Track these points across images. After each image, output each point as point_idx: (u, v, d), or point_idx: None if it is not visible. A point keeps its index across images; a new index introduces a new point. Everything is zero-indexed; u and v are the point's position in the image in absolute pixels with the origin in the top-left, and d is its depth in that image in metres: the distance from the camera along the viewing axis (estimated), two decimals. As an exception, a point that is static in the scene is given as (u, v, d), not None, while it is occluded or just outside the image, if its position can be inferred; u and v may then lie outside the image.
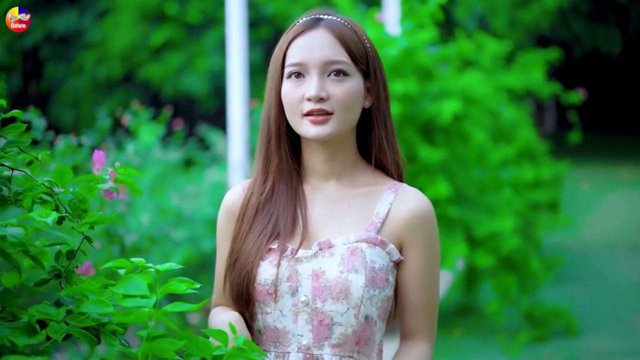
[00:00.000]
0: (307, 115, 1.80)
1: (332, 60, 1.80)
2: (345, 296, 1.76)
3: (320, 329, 1.78)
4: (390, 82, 5.45)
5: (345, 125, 1.82)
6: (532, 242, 6.95)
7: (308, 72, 1.81)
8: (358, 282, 1.75)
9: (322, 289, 1.77)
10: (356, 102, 1.83)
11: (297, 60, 1.81)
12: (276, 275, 1.78)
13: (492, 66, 7.39)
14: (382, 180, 1.90)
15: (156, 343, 1.47)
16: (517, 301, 5.82)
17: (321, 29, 1.83)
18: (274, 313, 1.80)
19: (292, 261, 1.80)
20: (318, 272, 1.78)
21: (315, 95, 1.78)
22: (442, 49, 5.80)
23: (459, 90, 5.69)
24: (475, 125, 6.02)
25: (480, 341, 5.78)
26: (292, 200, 1.86)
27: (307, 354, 1.79)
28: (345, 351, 1.79)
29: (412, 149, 5.59)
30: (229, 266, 1.86)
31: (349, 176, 1.89)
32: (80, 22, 15.55)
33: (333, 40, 1.81)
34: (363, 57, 1.84)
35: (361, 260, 1.77)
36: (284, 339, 1.80)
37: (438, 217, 5.69)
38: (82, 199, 1.81)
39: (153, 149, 5.36)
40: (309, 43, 1.81)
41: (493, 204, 5.81)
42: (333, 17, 1.86)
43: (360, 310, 1.76)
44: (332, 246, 1.80)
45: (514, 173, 6.43)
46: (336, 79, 1.80)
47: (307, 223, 1.84)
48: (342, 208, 1.86)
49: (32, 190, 1.76)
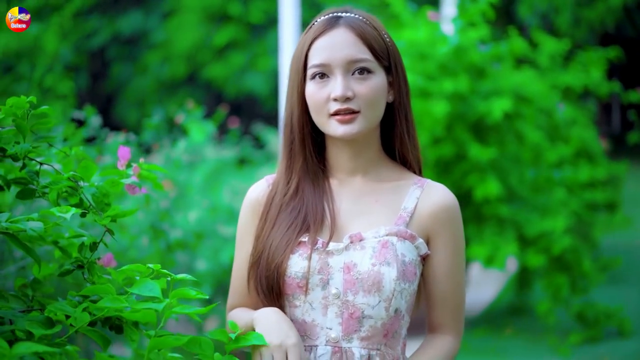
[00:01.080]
0: (334, 115, 1.81)
1: (355, 59, 1.80)
2: (377, 289, 1.77)
3: (350, 321, 1.78)
4: (440, 81, 5.44)
5: (371, 122, 1.83)
6: (589, 243, 6.86)
7: (332, 72, 1.81)
8: (390, 275, 1.77)
9: (354, 281, 1.77)
10: (381, 98, 1.84)
11: (320, 61, 1.81)
12: (308, 267, 1.78)
13: (550, 65, 7.32)
14: (407, 175, 1.91)
15: (163, 339, 1.54)
16: (568, 301, 5.76)
17: (341, 28, 1.82)
18: (304, 306, 1.80)
19: (323, 254, 1.80)
20: (349, 264, 1.78)
21: (342, 95, 1.79)
22: (494, 48, 5.77)
23: (510, 89, 5.65)
24: (528, 124, 5.98)
25: (530, 341, 5.74)
26: (319, 195, 1.87)
27: (335, 347, 1.78)
28: (373, 344, 1.79)
29: (462, 147, 5.58)
30: (254, 263, 1.85)
31: (375, 171, 1.90)
32: (145, 23, 15.81)
33: (355, 39, 1.81)
34: (384, 53, 1.85)
35: (392, 253, 1.78)
36: (312, 332, 1.80)
37: (489, 216, 5.67)
38: (105, 193, 1.87)
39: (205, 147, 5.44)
40: (330, 43, 1.81)
41: (545, 204, 5.76)
42: (351, 14, 1.86)
43: (391, 303, 1.77)
44: (362, 239, 1.81)
45: (568, 173, 6.35)
46: (360, 77, 1.81)
47: (335, 217, 1.85)
48: (370, 202, 1.87)
49: (57, 184, 1.83)
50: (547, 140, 6.44)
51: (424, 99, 5.43)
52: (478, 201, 5.62)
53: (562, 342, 5.63)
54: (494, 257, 5.52)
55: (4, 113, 1.86)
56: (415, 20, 5.79)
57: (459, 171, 5.66)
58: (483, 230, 5.61)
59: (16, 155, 1.86)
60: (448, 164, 5.67)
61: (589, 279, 5.73)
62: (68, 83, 13.59)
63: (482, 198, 5.55)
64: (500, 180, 5.69)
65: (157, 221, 3.92)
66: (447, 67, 5.51)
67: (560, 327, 5.89)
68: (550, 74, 7.21)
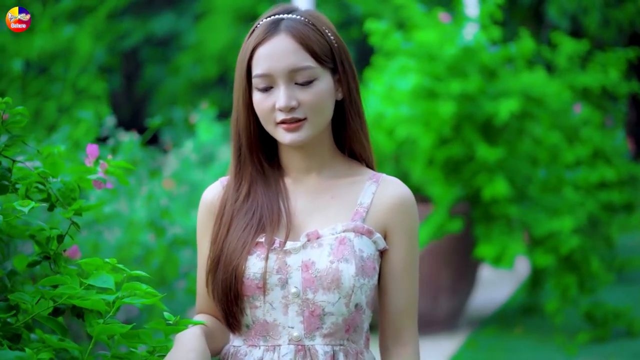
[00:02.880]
0: (281, 123, 1.81)
1: (297, 68, 1.79)
2: (336, 286, 1.77)
3: (312, 319, 1.78)
4: (448, 82, 5.50)
5: (319, 126, 1.83)
6: (605, 243, 6.87)
7: (275, 82, 1.80)
8: (349, 271, 1.77)
9: (313, 279, 1.78)
10: (327, 102, 1.82)
11: (262, 72, 1.80)
12: (265, 268, 1.78)
13: (568, 66, 7.33)
14: (362, 171, 1.91)
15: (108, 326, 1.65)
16: (577, 301, 5.79)
17: (282, 35, 1.80)
18: (264, 306, 1.80)
19: (280, 253, 1.80)
20: (307, 263, 1.79)
21: (285, 106, 1.78)
22: (503, 49, 5.82)
23: (519, 90, 5.70)
24: (540, 125, 6.02)
25: (539, 340, 5.77)
26: (273, 195, 1.86)
27: (298, 345, 1.79)
28: (336, 340, 1.80)
29: (471, 148, 5.63)
30: (211, 268, 1.84)
31: (329, 168, 1.90)
32: (177, 24, 16.02)
33: (295, 46, 1.79)
34: (328, 54, 1.83)
35: (350, 249, 1.79)
36: (274, 332, 1.80)
37: (497, 216, 5.72)
38: (72, 188, 1.98)
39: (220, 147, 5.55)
40: (271, 52, 1.79)
41: (554, 204, 5.80)
42: (293, 14, 1.83)
43: (351, 299, 1.78)
44: (320, 237, 1.81)
45: (580, 173, 6.37)
46: (304, 86, 1.79)
47: (291, 215, 1.85)
48: (326, 199, 1.87)
49: (26, 179, 1.94)
50: (563, 140, 6.46)
51: (431, 99, 5.50)
52: (486, 201, 5.67)
53: (570, 341, 5.66)
54: (502, 257, 5.57)
55: (-19, 114, 1.96)
56: (427, 22, 5.85)
57: (468, 171, 5.71)
58: (491, 230, 5.66)
59: (-9, 153, 1.97)
60: (457, 164, 5.73)
61: (598, 279, 5.75)
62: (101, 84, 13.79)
63: (490, 198, 5.60)
64: (509, 180, 5.74)
65: (157, 218, 4.05)
66: (456, 68, 5.56)
67: (569, 326, 5.92)
68: (567, 75, 7.23)
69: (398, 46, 5.72)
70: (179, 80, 16.04)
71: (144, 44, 16.45)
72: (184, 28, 15.97)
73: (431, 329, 6.00)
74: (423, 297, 5.95)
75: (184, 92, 16.00)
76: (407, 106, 5.49)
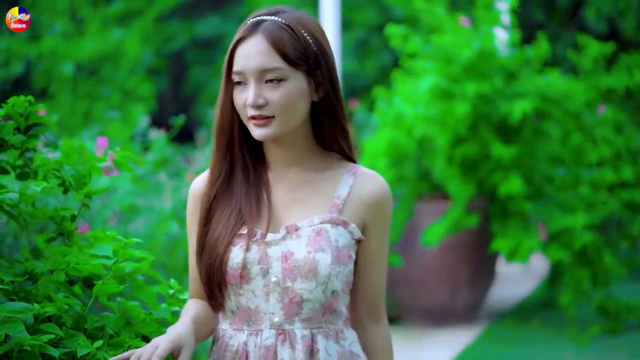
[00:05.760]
0: (251, 118, 1.91)
1: (266, 68, 1.88)
2: (313, 274, 1.89)
3: (291, 306, 1.90)
4: (463, 83, 5.75)
5: (288, 124, 1.92)
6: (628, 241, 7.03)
7: (247, 80, 1.90)
8: (325, 260, 1.89)
9: (292, 269, 1.89)
10: (297, 102, 1.91)
11: (237, 69, 1.91)
12: (244, 259, 1.90)
13: (592, 68, 7.50)
14: (341, 164, 2.01)
15: (106, 285, 1.96)
16: (590, 295, 6.00)
17: (258, 36, 1.90)
18: (247, 294, 1.92)
19: (261, 245, 1.91)
20: (287, 253, 1.90)
21: (252, 103, 1.89)
22: (519, 52, 6.06)
23: (535, 91, 5.92)
24: (556, 125, 6.22)
25: (553, 333, 5.98)
26: (254, 188, 1.96)
27: (279, 330, 1.91)
28: (313, 323, 1.92)
29: (486, 146, 5.88)
30: (199, 253, 1.96)
31: (309, 162, 1.99)
32: (222, 27, 16.40)
33: (267, 47, 1.89)
34: (301, 58, 1.91)
35: (326, 240, 1.90)
36: (256, 318, 1.92)
37: (513, 212, 5.96)
38: (84, 174, 2.30)
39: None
40: (246, 52, 1.90)
41: (569, 201, 6.01)
42: (276, 17, 1.93)
43: (327, 287, 1.90)
44: (298, 229, 1.92)
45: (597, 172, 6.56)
46: (272, 85, 1.89)
47: (272, 208, 1.95)
48: (305, 192, 1.97)
49: (44, 167, 2.26)
50: (587, 140, 6.64)
51: (447, 100, 5.76)
52: (502, 198, 5.91)
53: (582, 333, 5.87)
54: (517, 251, 5.81)
55: (6, 110, 2.28)
56: (449, 26, 6.10)
57: (485, 170, 5.96)
58: (507, 226, 5.90)
59: (16, 145, 2.29)
60: (474, 162, 5.98)
61: (610, 274, 5.95)
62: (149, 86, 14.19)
63: (505, 195, 5.84)
64: (525, 178, 5.98)
65: (181, 210, 4.38)
66: (473, 70, 5.81)
67: (582, 319, 6.12)
68: (592, 77, 7.39)
69: (418, 49, 5.99)
70: (224, 82, 16.42)
71: (190, 46, 16.86)
72: (229, 30, 16.33)
73: (450, 320, 6.25)
74: (442, 289, 6.21)
75: (229, 93, 16.36)
76: (424, 106, 5.77)
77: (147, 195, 4.76)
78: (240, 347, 1.93)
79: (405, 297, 6.21)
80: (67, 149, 2.28)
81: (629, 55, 7.91)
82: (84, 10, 12.70)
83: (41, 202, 2.31)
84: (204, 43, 16.85)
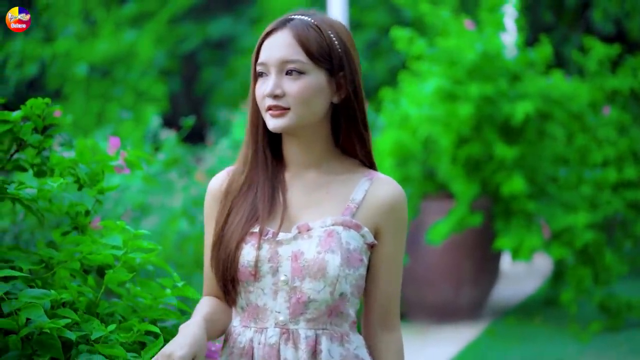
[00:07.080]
0: (269, 109, 1.94)
1: (288, 60, 1.91)
2: (322, 275, 1.89)
3: (297, 306, 1.91)
4: (467, 85, 5.89)
5: (303, 118, 1.93)
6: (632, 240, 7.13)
7: (269, 71, 1.93)
8: (334, 261, 1.89)
9: (301, 269, 1.90)
10: (315, 98, 1.93)
11: (261, 60, 1.94)
12: (256, 257, 1.92)
13: (598, 69, 7.61)
14: (359, 169, 2.02)
15: (116, 274, 2.10)
16: (591, 293, 6.13)
17: (285, 30, 1.93)
18: (256, 291, 1.94)
19: (273, 243, 1.92)
20: (297, 253, 1.91)
21: (270, 92, 1.91)
22: (522, 54, 6.19)
23: (537, 92, 6.05)
24: (559, 126, 6.34)
25: (555, 330, 6.10)
26: (270, 186, 1.97)
27: (283, 329, 1.92)
28: (318, 324, 1.92)
29: (490, 147, 6.01)
30: (213, 250, 1.98)
31: (327, 165, 2.00)
32: (234, 28, 16.56)
33: (292, 41, 1.91)
34: (325, 56, 1.93)
35: (337, 242, 1.90)
36: (263, 316, 1.94)
37: (516, 211, 6.09)
38: (97, 172, 2.45)
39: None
40: (271, 44, 1.93)
41: (571, 201, 6.14)
42: (305, 17, 1.96)
43: (336, 288, 1.90)
44: (310, 229, 1.93)
45: (599, 172, 6.67)
46: (292, 77, 1.91)
47: (286, 208, 1.96)
48: (321, 194, 1.98)
49: (59, 165, 2.41)
50: (592, 141, 6.75)
51: (451, 101, 5.90)
52: (506, 197, 6.05)
53: (584, 330, 6.00)
54: (520, 250, 5.94)
55: (24, 112, 2.43)
56: (453, 28, 6.23)
57: (488, 169, 6.09)
58: (510, 224, 6.04)
59: (34, 144, 2.44)
60: (477, 162, 6.12)
61: (611, 272, 6.08)
62: (161, 86, 14.33)
63: (508, 194, 5.97)
64: (529, 178, 6.11)
65: (190, 208, 4.53)
66: (476, 72, 5.94)
67: (584, 317, 6.25)
68: (597, 78, 7.50)
69: (423, 52, 6.13)
70: (236, 83, 16.57)
71: (202, 48, 17.02)
72: (241, 32, 16.49)
73: (454, 317, 6.39)
74: (446, 287, 6.35)
75: (240, 95, 16.53)
76: (429, 107, 5.91)
77: (158, 194, 4.92)
78: (247, 344, 1.95)
79: (410, 294, 6.35)
80: (81, 148, 2.43)
81: (634, 57, 8.01)
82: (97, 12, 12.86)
83: (57, 198, 2.46)
84: (216, 44, 17.00)
